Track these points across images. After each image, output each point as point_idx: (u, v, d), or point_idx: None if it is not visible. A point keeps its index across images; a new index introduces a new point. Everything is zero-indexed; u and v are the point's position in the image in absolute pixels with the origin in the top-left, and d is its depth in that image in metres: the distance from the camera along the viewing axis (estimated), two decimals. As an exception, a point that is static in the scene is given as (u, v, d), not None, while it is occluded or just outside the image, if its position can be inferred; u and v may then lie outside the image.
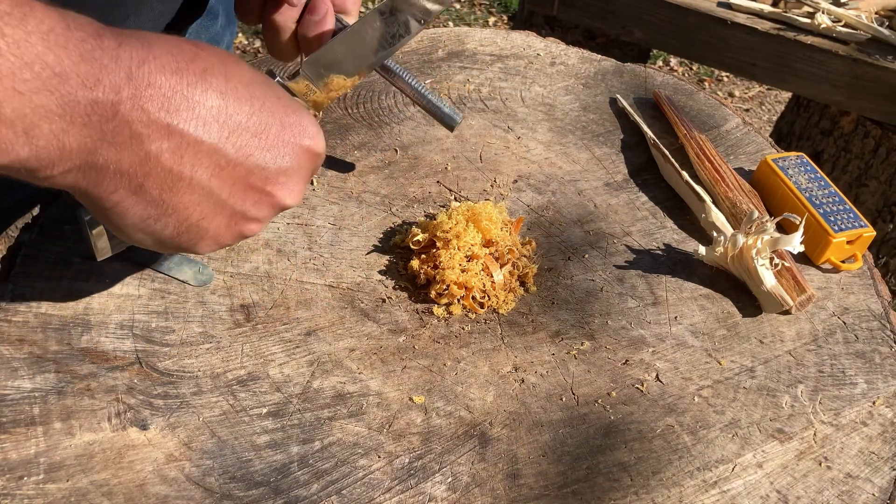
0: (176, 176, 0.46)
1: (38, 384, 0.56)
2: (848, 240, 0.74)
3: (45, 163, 0.41)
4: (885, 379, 0.66)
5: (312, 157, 0.53)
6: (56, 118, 0.40)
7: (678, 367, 0.64)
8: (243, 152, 0.48)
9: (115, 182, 0.44)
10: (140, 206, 0.46)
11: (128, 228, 0.47)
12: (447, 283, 0.65)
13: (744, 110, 2.67)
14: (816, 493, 0.57)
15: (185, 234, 0.49)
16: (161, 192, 0.46)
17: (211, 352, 0.60)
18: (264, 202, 0.51)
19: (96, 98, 0.41)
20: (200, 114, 0.46)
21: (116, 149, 0.43)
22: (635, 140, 0.86)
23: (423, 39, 0.96)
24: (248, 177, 0.49)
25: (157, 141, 0.44)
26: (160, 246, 0.49)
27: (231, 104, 0.48)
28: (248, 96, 0.49)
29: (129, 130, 0.43)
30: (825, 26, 1.41)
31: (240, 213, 0.50)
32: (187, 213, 0.47)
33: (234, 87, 0.48)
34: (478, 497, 0.54)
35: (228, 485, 0.52)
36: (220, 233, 0.50)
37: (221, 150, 0.47)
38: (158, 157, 0.45)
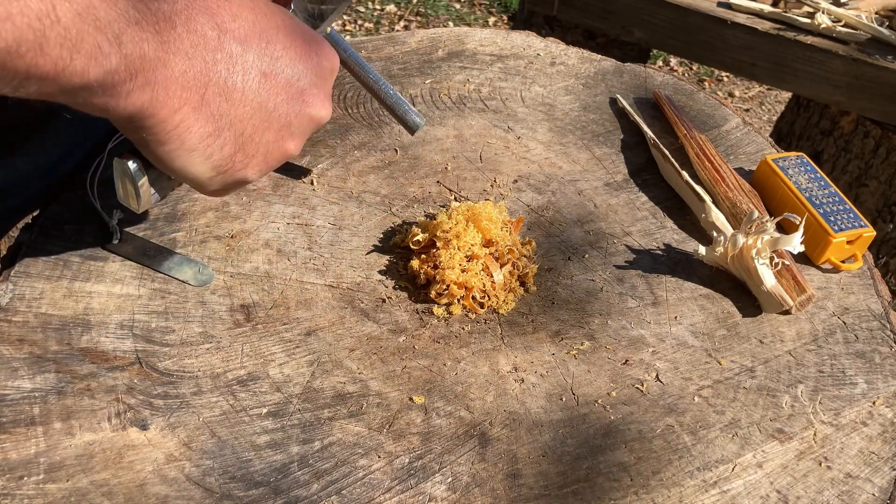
0: (231, 85, 0.47)
1: (38, 384, 0.56)
2: (848, 240, 0.74)
3: (129, 73, 0.41)
4: (885, 379, 0.66)
5: (332, 72, 0.55)
6: (135, 25, 0.41)
7: (678, 367, 0.64)
8: (281, 62, 0.50)
9: (181, 96, 0.45)
10: (201, 122, 0.46)
11: (188, 153, 0.47)
12: (447, 283, 0.65)
13: (744, 110, 2.67)
14: (816, 493, 0.57)
15: (240, 151, 0.50)
16: (220, 103, 0.47)
17: (211, 352, 0.60)
18: (303, 112, 0.53)
19: (161, 7, 0.43)
20: (242, 25, 0.48)
21: (182, 59, 0.44)
22: (635, 140, 0.86)
23: (423, 39, 0.96)
24: (287, 86, 0.51)
25: (211, 51, 0.46)
26: (215, 172, 0.50)
27: (261, 18, 0.50)
28: (271, 13, 0.51)
29: (189, 40, 0.45)
30: (825, 26, 1.41)
31: (285, 125, 0.52)
32: (243, 125, 0.49)
33: (258, 3, 0.50)
34: (478, 497, 0.54)
35: (228, 485, 0.52)
36: (270, 149, 0.52)
37: (263, 59, 0.49)
38: (215, 66, 0.46)
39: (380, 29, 2.83)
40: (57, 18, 0.37)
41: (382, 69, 0.91)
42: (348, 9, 2.89)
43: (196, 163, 0.48)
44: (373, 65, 0.92)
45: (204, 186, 0.52)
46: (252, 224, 0.70)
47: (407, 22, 2.90)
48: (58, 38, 0.37)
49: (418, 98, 0.87)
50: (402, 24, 2.88)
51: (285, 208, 0.72)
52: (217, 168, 0.50)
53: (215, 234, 0.69)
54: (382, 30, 2.83)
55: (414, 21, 2.91)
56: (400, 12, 2.95)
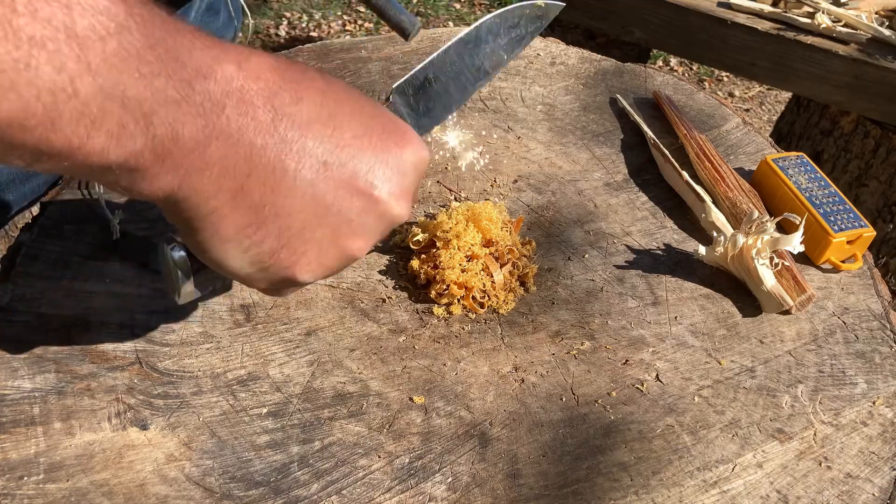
0: (280, 174, 0.43)
1: (38, 384, 0.56)
2: (848, 240, 0.74)
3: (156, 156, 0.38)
4: (885, 379, 0.66)
5: (418, 164, 0.49)
6: (172, 105, 0.37)
7: (678, 367, 0.64)
8: (348, 151, 0.45)
9: (217, 183, 0.41)
10: (239, 213, 0.42)
11: (223, 244, 0.43)
12: (447, 283, 0.65)
13: (744, 110, 2.67)
14: (816, 493, 0.57)
15: (286, 246, 0.45)
16: (263, 193, 0.42)
17: (211, 352, 0.60)
18: (371, 210, 0.47)
19: (209, 88, 0.39)
20: (304, 110, 0.44)
21: (223, 144, 0.40)
22: (635, 140, 0.86)
23: (423, 40, 0.96)
24: (352, 180, 0.45)
25: (262, 135, 0.42)
26: (257, 268, 0.45)
27: (332, 104, 0.45)
28: (347, 99, 0.46)
29: (236, 124, 0.41)
30: (825, 26, 1.41)
31: (345, 222, 0.46)
32: (289, 220, 0.44)
33: (334, 89, 0.46)
34: (478, 497, 0.54)
35: (228, 485, 0.52)
36: (324, 249, 0.46)
37: (325, 148, 0.44)
38: (264, 151, 0.42)
39: (380, 29, 2.83)
40: (75, 92, 0.34)
41: (382, 69, 0.91)
42: (348, 9, 2.89)
43: (232, 255, 0.44)
44: (373, 65, 0.92)
45: (246, 281, 0.47)
46: (252, 224, 0.70)
47: (407, 22, 2.90)
48: (73, 114, 0.34)
49: (418, 98, 0.87)
50: (402, 24, 2.88)
51: (285, 208, 0.72)
52: (257, 263, 0.45)
53: (215, 234, 0.69)
54: (382, 30, 2.83)
55: (414, 21, 2.91)
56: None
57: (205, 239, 0.43)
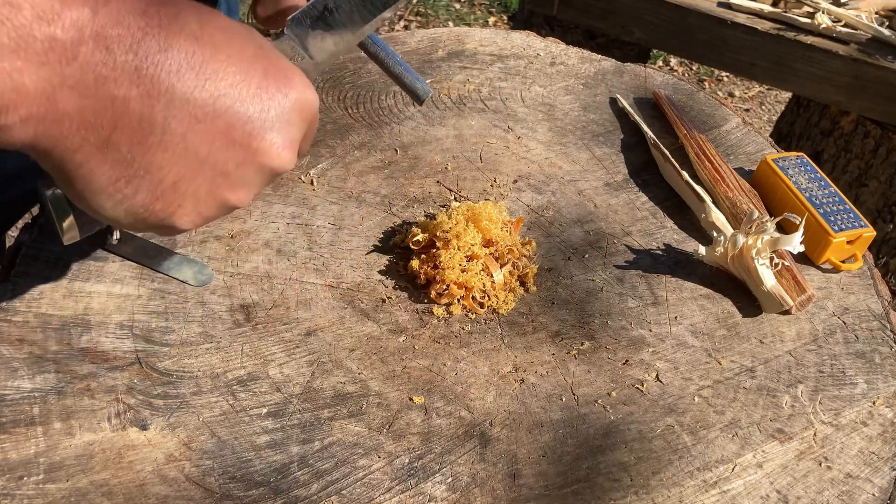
0: (147, 127, 0.40)
1: (38, 384, 0.56)
2: (848, 240, 0.74)
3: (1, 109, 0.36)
4: (885, 379, 0.66)
5: (303, 110, 0.47)
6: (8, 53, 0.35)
7: (678, 367, 0.64)
8: (222, 102, 0.43)
9: (79, 135, 0.39)
10: (108, 166, 0.41)
11: (96, 196, 0.42)
12: (447, 283, 0.65)
13: (744, 110, 2.67)
14: (816, 494, 0.57)
15: (160, 199, 0.43)
16: (131, 146, 0.40)
17: (211, 352, 0.60)
18: (249, 162, 0.45)
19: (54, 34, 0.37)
20: (173, 58, 0.41)
21: (79, 94, 0.38)
22: (635, 140, 0.86)
23: (423, 39, 0.96)
24: (228, 131, 0.43)
25: (124, 86, 0.39)
26: (133, 219, 0.44)
27: (207, 50, 0.42)
28: (225, 42, 0.43)
29: (92, 74, 0.38)
30: (825, 26, 1.41)
31: (221, 173, 0.44)
32: (161, 172, 0.42)
33: (209, 32, 0.43)
34: (478, 497, 0.54)
35: (228, 485, 0.52)
36: (201, 199, 0.44)
37: (197, 98, 0.42)
38: (127, 104, 0.40)
39: (380, 29, 2.83)
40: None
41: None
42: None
43: (107, 206, 0.43)
44: (373, 65, 0.92)
45: (127, 229, 0.46)
46: (252, 224, 0.70)
47: (407, 22, 2.90)
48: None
49: (418, 98, 0.88)
50: (402, 24, 2.88)
51: (285, 208, 0.72)
52: (132, 214, 0.43)
53: (215, 234, 0.69)
54: (382, 30, 2.84)
55: (414, 21, 2.91)
56: (400, 12, 2.96)
57: (78, 190, 0.42)
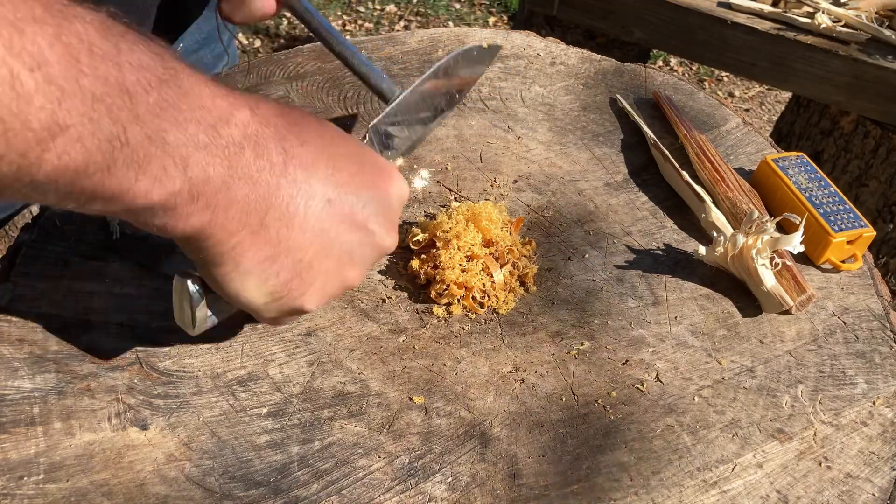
0: (292, 211, 0.47)
1: (38, 384, 0.56)
2: (848, 240, 0.74)
3: (191, 196, 0.42)
4: (885, 379, 0.66)
5: (401, 199, 0.55)
6: (203, 149, 0.41)
7: (678, 367, 0.64)
8: (346, 189, 0.50)
9: (240, 220, 0.45)
10: (258, 246, 0.46)
11: (243, 276, 0.47)
12: (447, 283, 0.65)
13: (744, 110, 2.67)
14: (816, 493, 0.57)
15: (297, 278, 0.49)
16: (279, 228, 0.47)
17: (211, 352, 0.60)
18: (367, 242, 0.52)
19: (231, 132, 0.43)
20: (308, 152, 0.48)
21: (246, 184, 0.44)
22: (635, 140, 0.86)
23: (423, 39, 0.96)
24: (352, 214, 0.50)
25: (276, 176, 0.46)
26: (270, 299, 0.49)
27: (329, 146, 0.50)
28: (340, 140, 0.52)
29: (255, 166, 0.45)
30: (825, 26, 1.41)
31: (346, 253, 0.51)
32: (301, 252, 0.48)
33: (327, 132, 0.51)
34: (478, 497, 0.54)
35: (228, 485, 0.52)
36: (329, 278, 0.51)
37: (328, 186, 0.49)
38: (278, 190, 0.46)
39: (380, 29, 2.83)
40: (126, 141, 0.37)
41: (382, 69, 0.91)
42: (348, 9, 2.89)
43: (250, 287, 0.48)
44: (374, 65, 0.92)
45: (257, 312, 0.51)
46: (252, 224, 0.70)
47: (407, 22, 2.90)
48: (125, 160, 0.38)
49: (418, 98, 0.87)
50: (402, 24, 2.88)
51: (285, 208, 0.72)
52: (272, 294, 0.49)
53: (215, 234, 0.69)
54: (382, 30, 2.83)
55: (414, 21, 2.91)
56: (400, 12, 2.96)
57: (226, 272, 0.47)
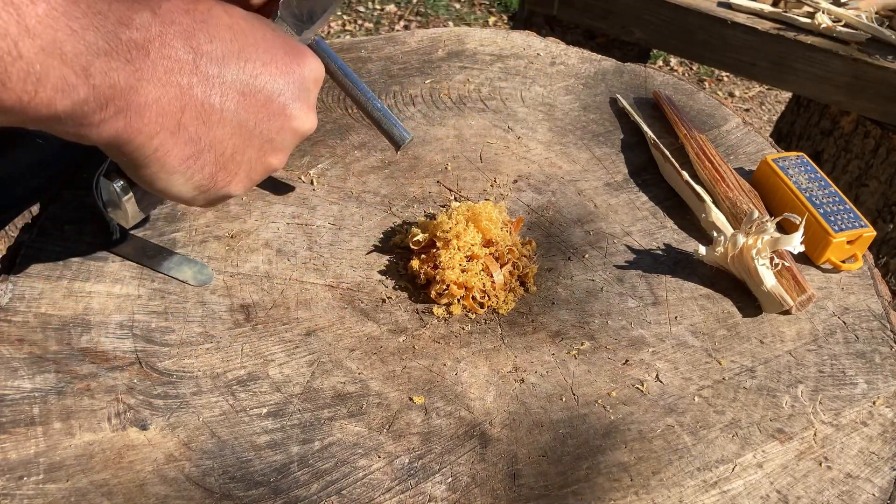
0: (208, 108, 0.47)
1: (38, 384, 0.56)
2: (848, 240, 0.74)
3: (99, 104, 0.41)
4: (885, 379, 0.66)
5: (316, 79, 0.55)
6: (104, 56, 0.41)
7: (678, 367, 0.64)
8: (260, 80, 0.50)
9: (157, 122, 0.45)
10: (180, 146, 0.47)
11: (170, 175, 0.48)
12: (447, 283, 0.65)
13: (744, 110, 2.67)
14: (816, 494, 0.57)
15: (222, 170, 0.50)
16: (197, 126, 0.47)
17: (211, 352, 0.60)
18: (286, 127, 0.53)
19: (132, 35, 0.42)
20: (218, 47, 0.48)
21: (155, 85, 0.44)
22: (635, 140, 0.86)
23: (423, 39, 0.96)
24: (268, 103, 0.51)
25: (187, 75, 0.46)
26: (198, 192, 0.50)
27: (239, 37, 0.50)
28: (250, 29, 0.51)
29: (163, 66, 0.44)
30: (825, 26, 1.41)
31: (267, 140, 0.52)
32: (223, 146, 0.49)
33: (237, 22, 0.50)
34: (478, 497, 0.54)
35: (228, 485, 0.52)
36: (252, 166, 0.52)
37: (241, 79, 0.49)
38: (191, 90, 0.46)
39: (380, 29, 2.83)
40: (19, 55, 0.37)
41: (382, 69, 0.91)
42: (348, 9, 2.89)
43: (177, 184, 0.49)
44: (372, 65, 0.92)
45: (188, 203, 0.52)
46: (252, 224, 0.70)
47: (407, 22, 2.90)
48: (20, 73, 0.38)
49: (418, 98, 0.87)
50: (402, 24, 2.88)
51: (285, 208, 0.72)
52: (199, 188, 0.50)
53: (215, 234, 0.69)
54: (382, 30, 2.83)
55: (414, 21, 2.91)
56: (400, 12, 2.96)
57: (152, 173, 0.47)
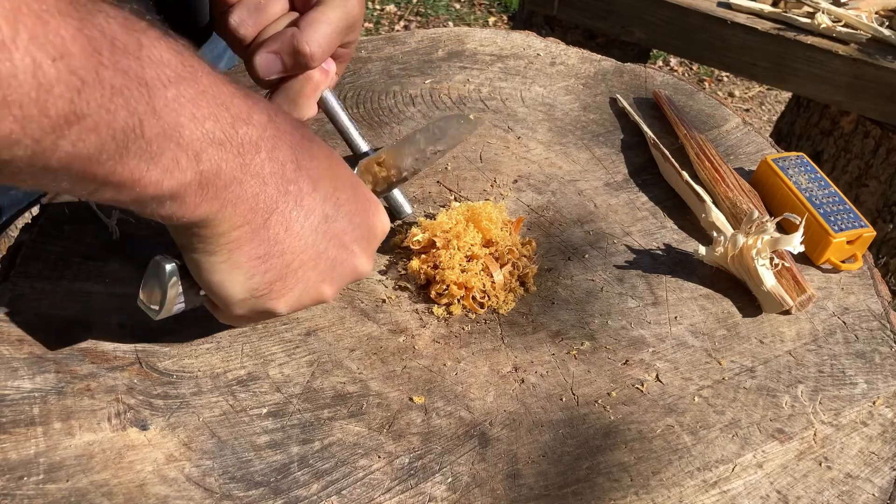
0: (294, 218, 0.49)
1: (38, 384, 0.56)
2: (848, 240, 0.74)
3: (200, 187, 0.42)
4: (885, 379, 0.66)
5: (382, 235, 0.58)
6: (217, 145, 0.43)
7: (678, 367, 0.64)
8: (341, 212, 0.52)
9: (247, 216, 0.46)
10: (255, 244, 0.47)
11: (231, 268, 0.48)
12: (447, 283, 0.65)
13: (744, 110, 2.67)
14: (816, 494, 0.57)
15: (280, 281, 0.50)
16: (278, 232, 0.48)
17: (211, 352, 0.60)
18: (348, 263, 0.54)
19: (248, 132, 0.44)
20: (316, 168, 0.50)
21: (258, 182, 0.46)
22: (635, 140, 0.86)
23: (423, 39, 0.96)
24: (341, 235, 0.53)
25: (286, 182, 0.48)
26: (248, 296, 0.50)
27: (334, 167, 0.53)
28: (341, 165, 0.54)
29: (269, 167, 0.46)
30: (825, 26, 1.41)
31: (329, 269, 0.53)
32: (292, 258, 0.50)
33: (332, 154, 0.54)
34: (478, 497, 0.54)
35: (228, 485, 0.52)
36: (308, 287, 0.52)
37: (329, 203, 0.51)
38: (286, 196, 0.48)
39: (380, 29, 2.83)
40: (142, 133, 0.38)
41: (382, 69, 0.91)
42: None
43: (235, 280, 0.48)
44: (373, 65, 0.92)
45: (230, 306, 0.51)
46: (252, 224, 0.70)
47: (407, 22, 2.90)
48: (138, 151, 0.39)
49: (418, 98, 0.87)
50: (402, 24, 2.88)
51: (285, 208, 0.72)
52: (253, 291, 0.49)
53: (215, 234, 0.69)
54: (382, 30, 2.83)
55: (414, 21, 2.91)
56: (400, 12, 2.96)
57: (217, 261, 0.47)
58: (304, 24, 0.59)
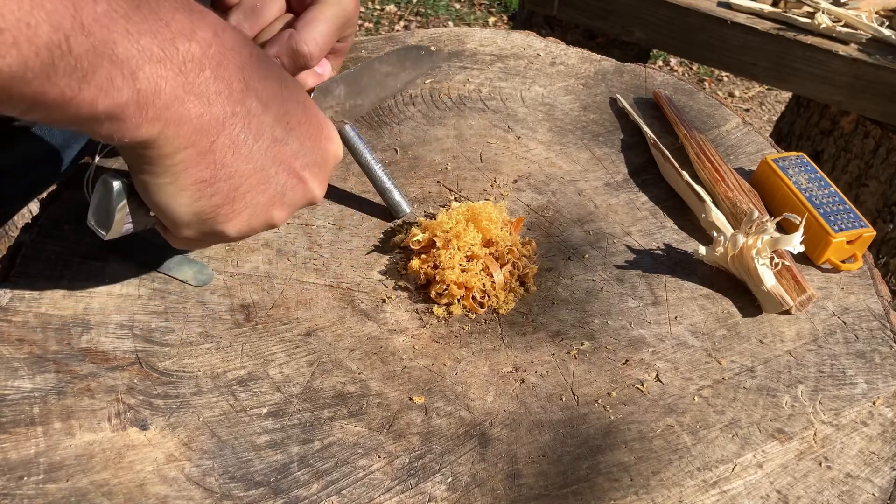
0: (241, 141, 0.47)
1: (38, 384, 0.56)
2: (848, 240, 0.74)
3: (139, 108, 0.41)
4: (885, 379, 0.66)
5: (335, 159, 0.56)
6: (155, 62, 0.41)
7: (678, 367, 0.64)
8: (292, 136, 0.51)
9: (191, 137, 0.44)
10: (200, 167, 0.46)
11: (178, 192, 0.46)
12: (447, 283, 0.65)
13: (744, 110, 2.67)
14: (816, 493, 0.57)
15: (228, 205, 0.49)
16: (225, 154, 0.46)
17: (211, 352, 0.60)
18: (298, 188, 0.53)
19: (191, 49, 0.42)
20: (266, 89, 0.48)
21: (202, 102, 0.44)
22: (635, 140, 0.86)
23: (423, 39, 0.96)
24: (292, 158, 0.51)
25: (233, 103, 0.46)
26: (196, 218, 0.48)
27: (285, 90, 0.50)
28: (295, 87, 0.52)
29: (214, 87, 0.44)
30: (825, 26, 1.41)
31: (279, 193, 0.51)
32: (239, 181, 0.48)
33: (285, 74, 0.51)
34: (478, 497, 0.54)
35: (228, 485, 0.52)
36: (257, 212, 0.51)
37: (279, 125, 0.49)
38: (233, 118, 0.46)
39: (380, 29, 2.83)
40: (69, 49, 0.37)
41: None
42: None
43: (182, 202, 0.47)
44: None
45: (178, 228, 0.50)
46: (252, 224, 0.70)
47: (407, 22, 2.90)
48: (67, 68, 0.37)
49: (418, 98, 0.87)
50: (402, 24, 2.88)
51: (285, 208, 0.72)
52: (199, 214, 0.48)
53: (215, 234, 0.69)
54: (382, 30, 2.84)
55: (414, 21, 2.91)
56: (400, 12, 2.96)
57: (162, 183, 0.46)
58: (300, 25, 0.59)
